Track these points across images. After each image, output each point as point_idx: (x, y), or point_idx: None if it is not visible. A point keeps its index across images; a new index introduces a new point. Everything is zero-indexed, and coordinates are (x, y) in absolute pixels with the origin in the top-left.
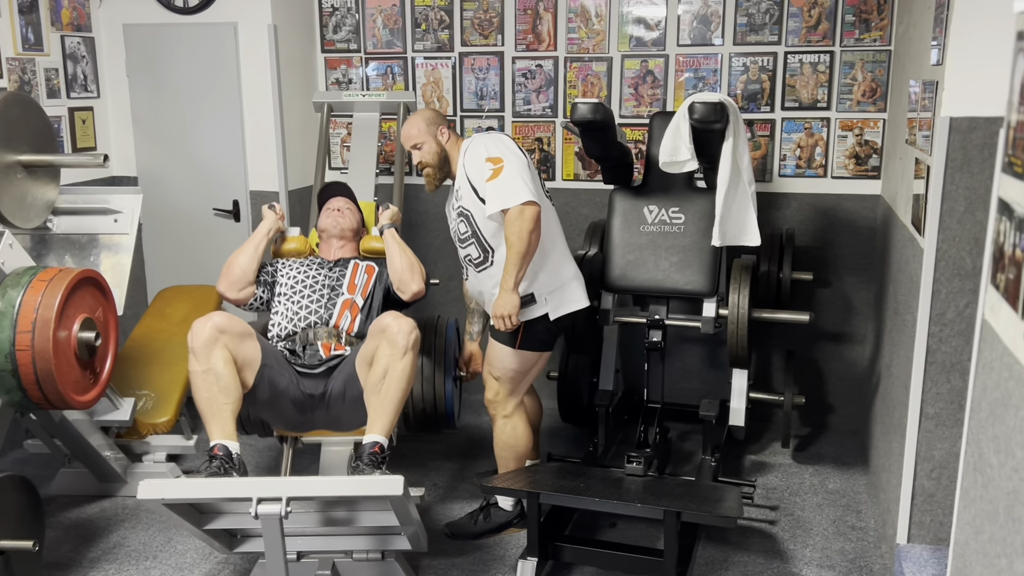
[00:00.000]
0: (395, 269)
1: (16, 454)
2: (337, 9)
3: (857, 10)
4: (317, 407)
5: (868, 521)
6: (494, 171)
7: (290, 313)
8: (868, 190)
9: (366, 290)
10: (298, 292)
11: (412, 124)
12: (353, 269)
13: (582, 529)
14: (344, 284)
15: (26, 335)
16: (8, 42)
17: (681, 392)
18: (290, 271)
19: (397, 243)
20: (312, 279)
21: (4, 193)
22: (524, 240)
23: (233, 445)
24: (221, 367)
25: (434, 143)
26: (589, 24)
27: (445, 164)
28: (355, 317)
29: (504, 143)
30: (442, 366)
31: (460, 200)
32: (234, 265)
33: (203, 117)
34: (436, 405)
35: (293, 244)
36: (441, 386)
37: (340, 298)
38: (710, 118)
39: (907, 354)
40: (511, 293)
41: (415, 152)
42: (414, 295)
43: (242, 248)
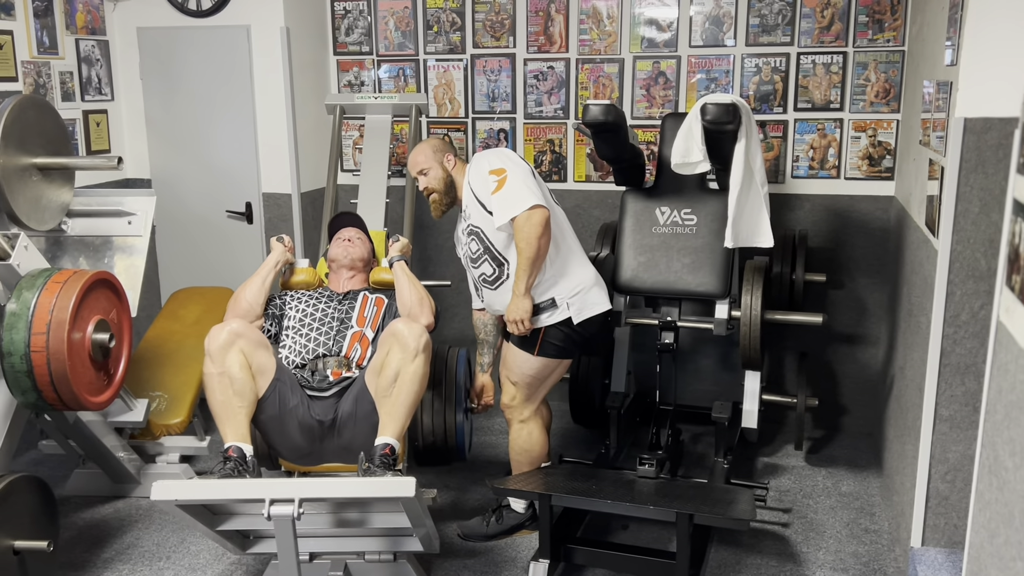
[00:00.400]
0: (404, 302)
1: (31, 455)
2: (349, 12)
3: (870, 11)
4: (327, 436)
5: (882, 524)
6: (498, 182)
7: (298, 346)
8: (881, 191)
9: (375, 323)
10: (307, 325)
11: (419, 151)
12: (363, 302)
13: (594, 531)
14: (354, 317)
15: (41, 336)
16: (24, 46)
17: (693, 394)
18: (299, 303)
19: (407, 275)
20: (321, 312)
21: (19, 195)
22: (533, 245)
23: (247, 447)
24: (236, 370)
25: (440, 169)
26: (601, 26)
27: (451, 190)
28: (365, 349)
29: (505, 155)
30: (452, 398)
31: (469, 219)
32: (241, 299)
33: (216, 120)
34: (447, 438)
35: (302, 276)
36: (451, 418)
37: (350, 331)
38: (722, 119)
39: (921, 356)
40: (523, 298)
41: (421, 178)
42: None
43: (249, 281)
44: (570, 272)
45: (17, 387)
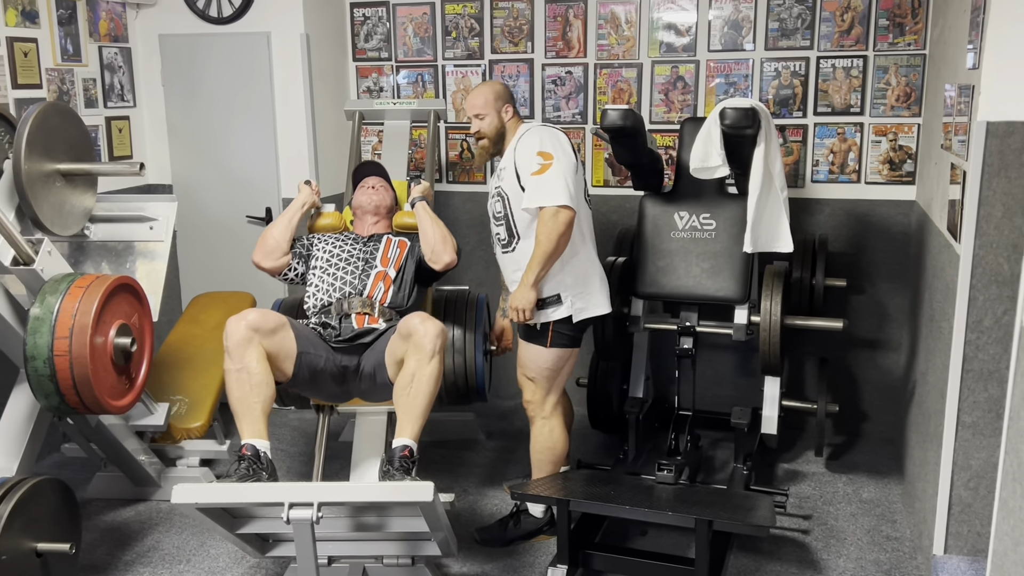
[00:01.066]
0: (427, 240)
1: (54, 458)
2: (368, 18)
3: (891, 14)
4: (352, 379)
5: (903, 531)
6: (542, 166)
7: (325, 285)
8: (902, 195)
9: (399, 263)
10: (333, 265)
11: (480, 94)
12: (386, 244)
13: (612, 537)
14: (377, 257)
15: (64, 341)
16: (48, 53)
17: (712, 399)
18: (325, 245)
19: (429, 215)
20: (347, 253)
21: (43, 201)
22: (553, 242)
23: (262, 444)
24: (254, 365)
25: (496, 118)
26: (619, 30)
27: (500, 140)
28: (388, 289)
29: (560, 140)
30: (473, 340)
31: (501, 181)
32: (268, 236)
33: (237, 125)
34: (468, 378)
35: (328, 219)
36: (472, 359)
37: (373, 271)
38: (742, 124)
39: (943, 362)
40: (530, 289)
41: (475, 120)
42: (446, 265)
43: (277, 220)
44: (580, 271)
45: (40, 391)
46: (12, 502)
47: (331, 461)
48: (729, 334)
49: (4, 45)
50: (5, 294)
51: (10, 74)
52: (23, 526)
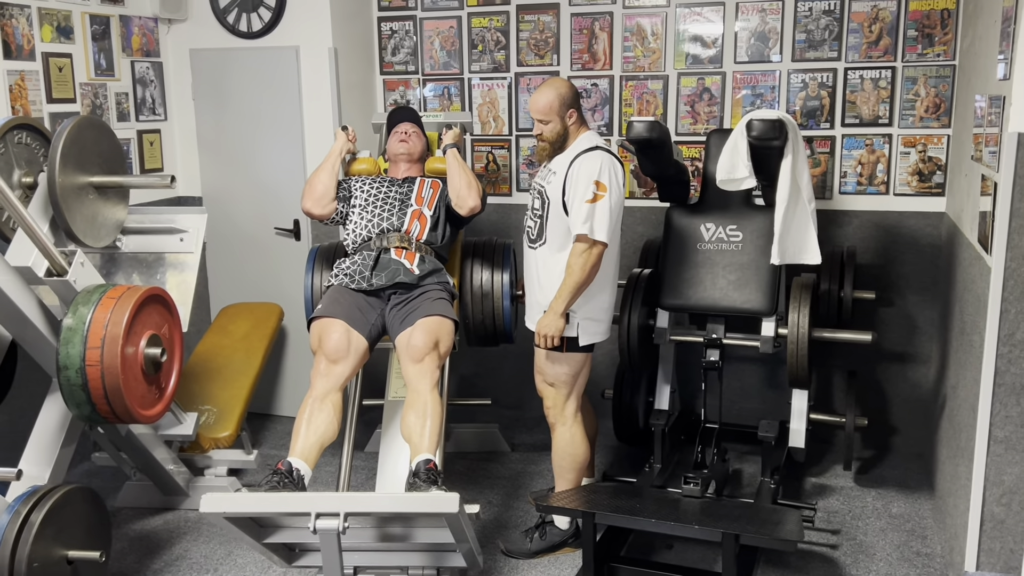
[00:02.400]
0: (454, 186)
1: (84, 466)
2: (395, 32)
3: (920, 25)
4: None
5: (934, 547)
6: (595, 195)
7: (364, 222)
8: (932, 207)
9: (432, 203)
10: (371, 204)
11: (544, 97)
12: (420, 185)
13: (638, 550)
14: (412, 197)
15: (96, 351)
16: (82, 68)
17: (739, 412)
18: (363, 186)
19: (457, 161)
20: (384, 193)
21: (77, 213)
22: (585, 273)
23: (305, 468)
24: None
25: (560, 125)
26: (645, 43)
27: (562, 144)
28: (424, 226)
29: (617, 173)
30: (500, 286)
31: (548, 184)
32: (316, 183)
33: (265, 138)
34: (496, 321)
35: (364, 164)
36: (500, 304)
37: (409, 209)
38: (769, 135)
39: (974, 375)
40: (559, 317)
41: (539, 124)
42: (471, 210)
43: (320, 168)
44: (596, 298)
45: (72, 400)
46: (44, 510)
47: (357, 472)
48: (756, 346)
49: (40, 60)
50: (39, 304)
51: (45, 89)
52: (55, 534)
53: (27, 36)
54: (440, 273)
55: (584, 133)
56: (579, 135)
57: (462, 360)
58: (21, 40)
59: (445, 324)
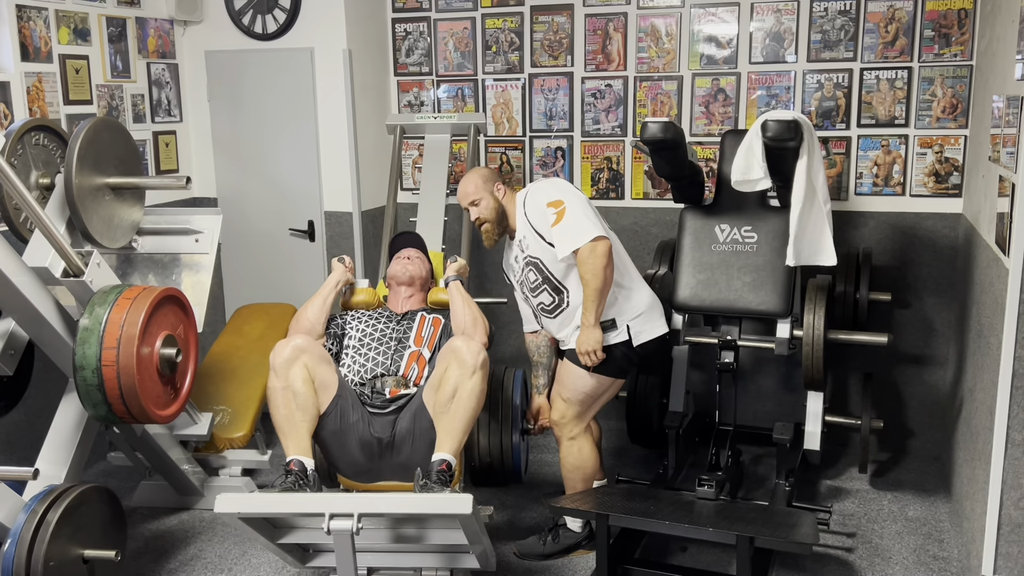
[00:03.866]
0: (458, 322)
1: (100, 466)
2: (410, 33)
3: (936, 25)
4: (385, 453)
5: (951, 551)
6: (557, 214)
7: (357, 365)
8: (949, 208)
9: (432, 342)
10: (366, 344)
11: (468, 182)
12: (420, 322)
13: (652, 553)
14: (411, 337)
15: (112, 351)
16: (98, 70)
17: (754, 414)
18: (358, 323)
19: (462, 295)
20: (380, 332)
21: (93, 214)
22: (600, 276)
23: (308, 461)
24: (299, 385)
25: (491, 199)
26: (659, 43)
27: (503, 219)
28: (422, 369)
29: (560, 185)
30: (509, 419)
31: (527, 250)
32: (303, 318)
33: (280, 140)
34: (503, 459)
35: (362, 296)
36: (508, 439)
37: (407, 351)
38: (784, 136)
39: (992, 378)
40: (593, 329)
41: (473, 209)
42: None
43: (311, 300)
44: (629, 294)
45: (88, 400)
46: (60, 509)
47: None
48: (771, 348)
49: (57, 62)
50: (55, 305)
51: (62, 90)
52: (71, 533)
53: (44, 38)
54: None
55: (517, 194)
56: (513, 200)
57: None
58: (39, 42)
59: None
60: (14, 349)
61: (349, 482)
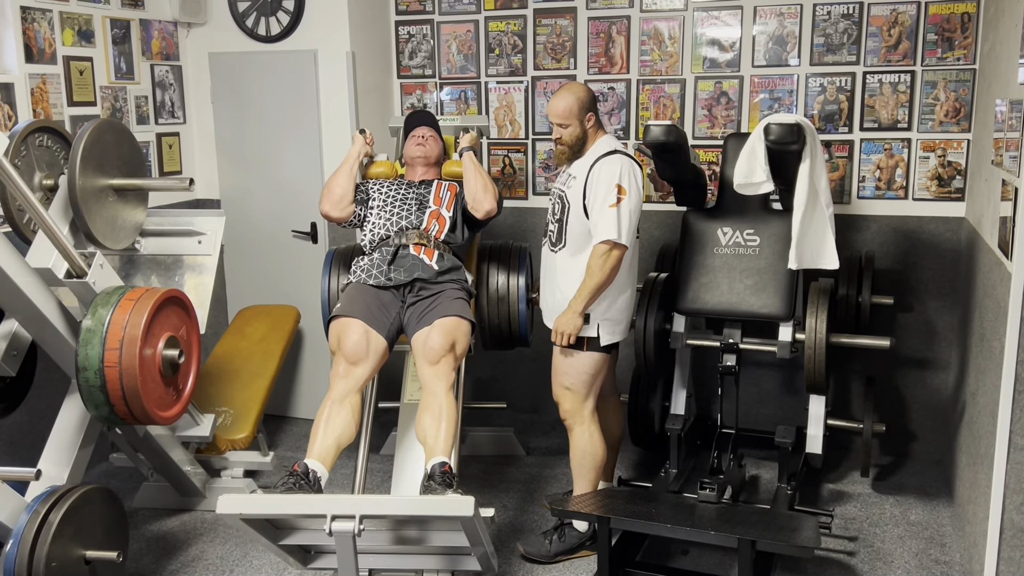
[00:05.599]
0: (470, 188)
1: (102, 467)
2: (413, 36)
3: (939, 28)
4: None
5: (953, 555)
6: (617, 199)
7: (383, 221)
8: (951, 212)
9: (450, 204)
10: (390, 204)
11: (563, 101)
12: (437, 187)
13: (654, 556)
14: (431, 198)
15: (114, 352)
16: (102, 71)
17: (756, 418)
18: (382, 188)
19: (474, 164)
20: (402, 195)
21: (96, 216)
22: (605, 275)
23: (321, 469)
24: (349, 415)
25: (579, 128)
26: (662, 47)
27: (581, 147)
28: (443, 226)
29: (636, 177)
30: (516, 289)
31: (568, 188)
32: (334, 186)
33: (283, 142)
34: (511, 324)
35: (381, 168)
36: (515, 307)
37: (428, 209)
38: (787, 139)
39: (994, 382)
40: (576, 316)
41: (557, 128)
42: (487, 213)
43: (338, 171)
44: (617, 300)
45: (91, 401)
46: (62, 510)
47: (373, 474)
48: (773, 351)
49: (61, 63)
50: (58, 306)
51: (66, 92)
52: (73, 534)
53: (48, 40)
54: (458, 271)
55: (602, 137)
56: (597, 139)
57: (478, 363)
58: (43, 44)
59: (462, 325)
60: (17, 350)
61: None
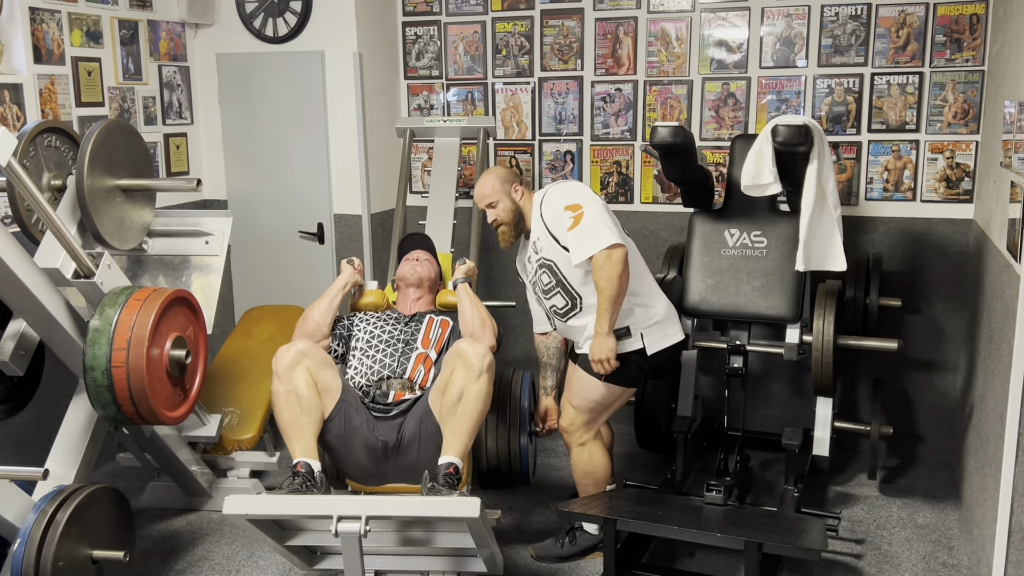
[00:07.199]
0: (466, 324)
1: (109, 467)
2: (420, 37)
3: (948, 30)
4: (390, 456)
5: (961, 558)
6: (575, 218)
7: (364, 368)
8: (960, 214)
9: (440, 344)
10: (373, 347)
11: (486, 183)
12: (428, 324)
13: (660, 558)
14: (419, 339)
15: (121, 352)
16: (110, 72)
17: (763, 420)
18: (366, 325)
19: (470, 297)
20: (388, 334)
21: (104, 216)
22: (614, 284)
23: (315, 463)
24: (303, 388)
25: (508, 201)
26: (669, 47)
27: (520, 221)
28: (428, 370)
29: (579, 189)
30: (516, 421)
31: (540, 252)
32: (309, 319)
33: (290, 142)
34: (511, 461)
35: (371, 298)
36: (516, 442)
37: (414, 352)
38: (794, 141)
39: (1003, 384)
40: (607, 337)
41: (490, 211)
42: None
43: (318, 301)
44: (645, 302)
45: (98, 401)
46: (70, 509)
47: None
48: (780, 353)
49: (69, 64)
50: (66, 306)
51: (74, 92)
52: (80, 533)
53: (57, 41)
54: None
55: (535, 195)
56: (530, 202)
57: None
58: (51, 44)
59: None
60: (25, 350)
61: (357, 485)
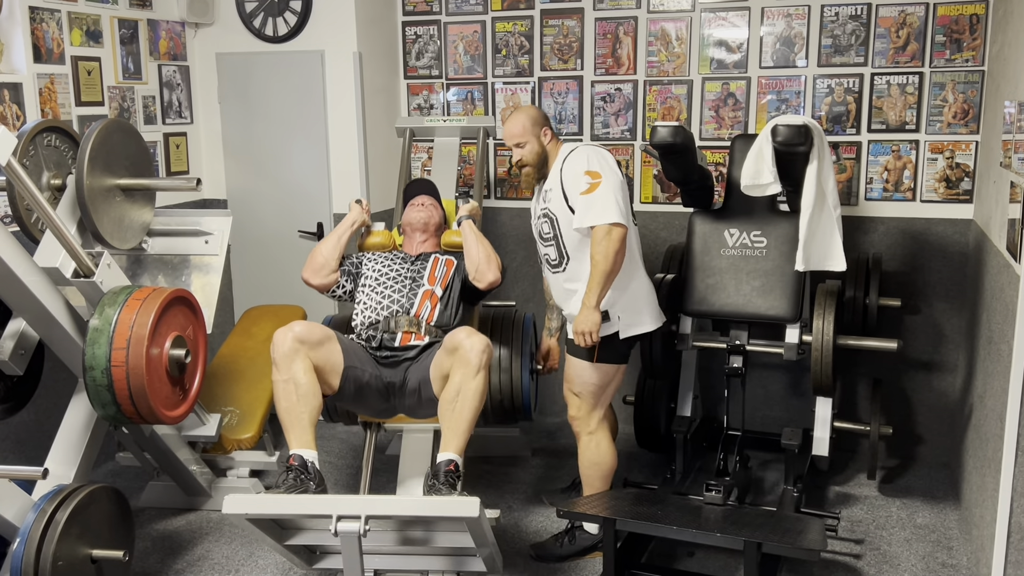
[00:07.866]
0: (472, 259)
1: (109, 466)
2: (420, 36)
3: (948, 30)
4: (397, 395)
5: (960, 559)
6: (591, 185)
7: (372, 303)
8: (959, 214)
9: (445, 281)
10: (381, 283)
11: (516, 122)
12: (433, 262)
13: (659, 558)
14: (425, 276)
15: (121, 352)
16: (110, 71)
17: (762, 420)
18: (374, 264)
19: (474, 234)
20: (395, 271)
21: (104, 215)
22: (610, 260)
23: (310, 454)
24: (301, 376)
25: (536, 143)
26: (669, 47)
27: (544, 165)
28: (434, 307)
29: (606, 159)
30: (519, 359)
31: (548, 203)
32: (317, 253)
33: (290, 142)
34: (513, 397)
35: (378, 238)
36: (518, 378)
37: (421, 289)
38: (794, 141)
39: (1002, 385)
40: (593, 311)
41: (516, 150)
42: (489, 284)
43: (327, 238)
44: (629, 288)
45: (98, 400)
46: (69, 509)
47: (378, 475)
48: (780, 353)
49: (69, 64)
50: (66, 305)
51: (74, 92)
52: (79, 532)
53: (57, 40)
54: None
55: (561, 146)
56: (557, 150)
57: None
58: (51, 44)
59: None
60: (24, 349)
61: (369, 418)
